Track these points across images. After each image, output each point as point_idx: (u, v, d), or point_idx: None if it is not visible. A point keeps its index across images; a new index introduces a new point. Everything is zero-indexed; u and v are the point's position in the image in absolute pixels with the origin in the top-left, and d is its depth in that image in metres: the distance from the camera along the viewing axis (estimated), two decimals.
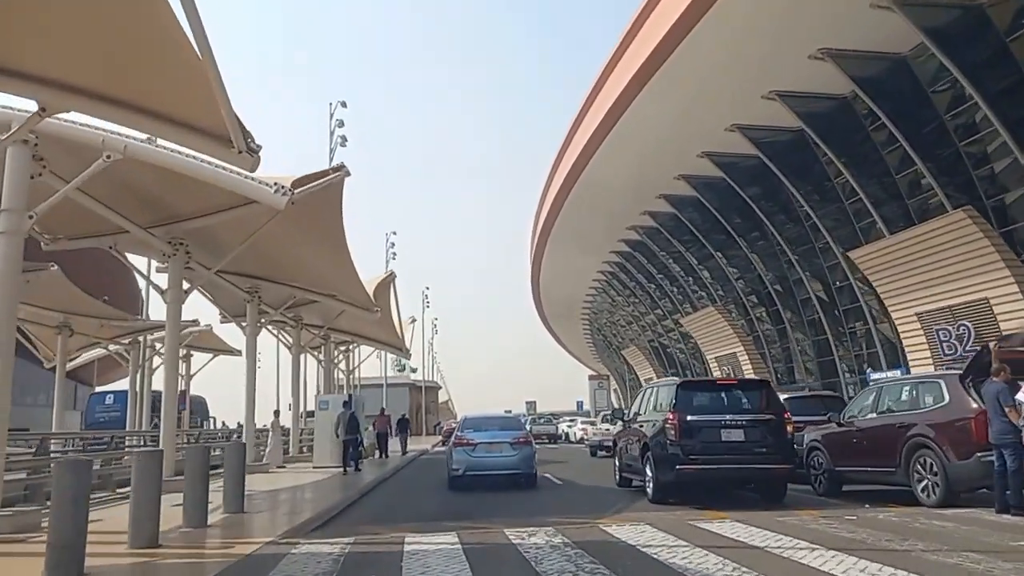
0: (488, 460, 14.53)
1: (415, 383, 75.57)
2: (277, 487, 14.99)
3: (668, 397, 11.52)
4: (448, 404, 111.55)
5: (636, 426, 12.74)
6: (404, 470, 21.40)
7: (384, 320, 24.65)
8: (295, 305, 20.99)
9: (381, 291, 22.28)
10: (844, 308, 30.89)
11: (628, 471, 13.20)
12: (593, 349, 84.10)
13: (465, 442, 14.72)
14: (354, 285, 19.04)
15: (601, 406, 53.56)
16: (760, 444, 10.85)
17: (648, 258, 46.20)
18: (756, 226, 34.27)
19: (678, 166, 32.89)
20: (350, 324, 25.50)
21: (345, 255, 16.28)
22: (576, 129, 35.33)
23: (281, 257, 16.63)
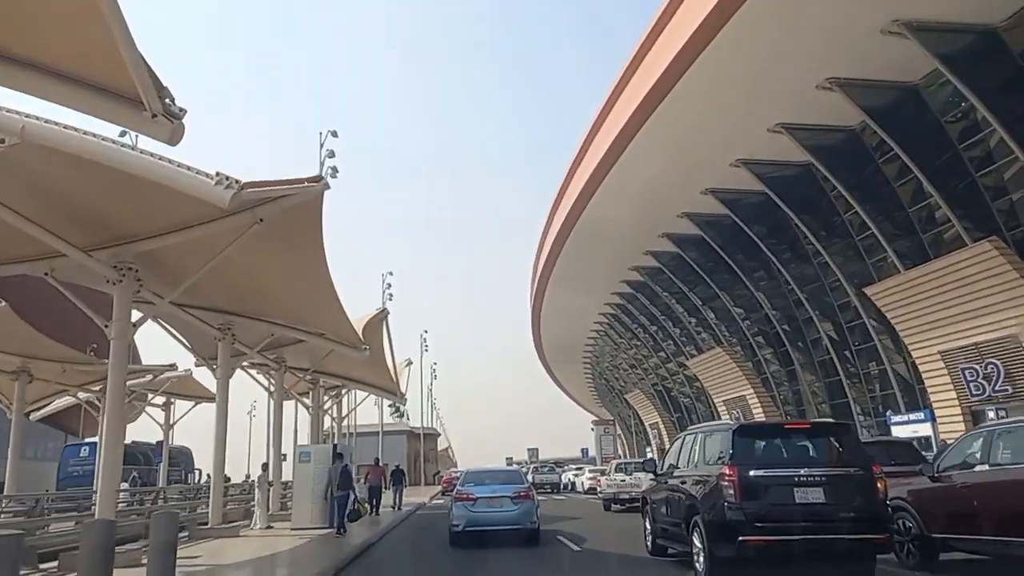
0: (488, 515, 14.26)
1: (413, 430, 73.65)
2: (238, 559, 12.77)
3: (721, 446, 9.29)
4: (448, 452, 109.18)
5: (675, 482, 10.43)
6: (396, 530, 18.89)
7: (376, 361, 22.68)
8: (276, 346, 19.16)
9: (372, 329, 20.19)
10: (857, 348, 29.73)
11: (665, 537, 10.85)
12: (595, 394, 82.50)
13: (465, 496, 14.54)
14: (340, 321, 16.72)
15: (607, 452, 51.36)
16: (846, 506, 8.48)
17: (650, 299, 45.17)
18: (762, 264, 33.32)
19: (681, 204, 32.07)
20: (340, 366, 23.45)
21: (328, 287, 14.14)
22: (576, 168, 34.61)
23: (255, 289, 14.95)
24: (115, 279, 10.66)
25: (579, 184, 33.51)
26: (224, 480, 31.08)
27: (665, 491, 10.79)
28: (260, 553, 13.35)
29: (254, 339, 17.38)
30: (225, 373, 16.34)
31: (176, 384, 24.30)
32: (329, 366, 22.89)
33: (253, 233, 10.24)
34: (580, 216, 35.18)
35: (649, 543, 11.56)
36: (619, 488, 21.16)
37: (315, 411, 24.37)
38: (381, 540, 15.97)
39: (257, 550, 13.79)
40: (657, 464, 11.82)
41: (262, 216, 9.86)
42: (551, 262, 43.77)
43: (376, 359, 22.41)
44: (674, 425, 54.21)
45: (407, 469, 70.24)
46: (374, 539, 15.63)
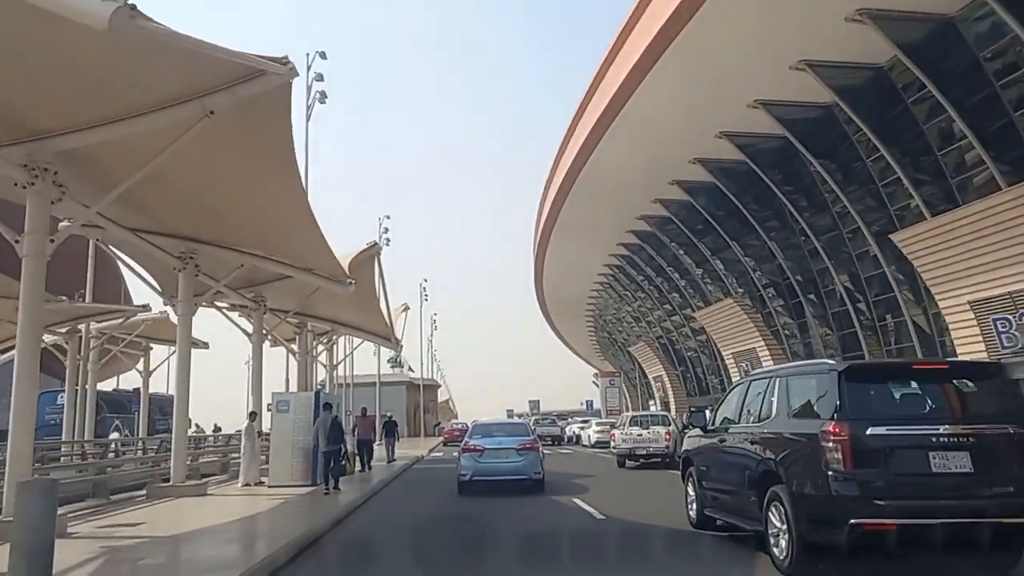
0: (495, 466, 14.99)
1: (412, 381, 72.88)
2: (184, 527, 10.53)
3: (819, 393, 6.96)
4: (449, 404, 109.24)
5: (736, 440, 8.25)
6: (390, 487, 17.14)
7: (368, 304, 20.32)
8: (254, 283, 17.09)
9: (361, 267, 17.44)
10: (874, 299, 28.70)
11: (717, 507, 8.87)
12: (597, 347, 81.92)
13: (473, 448, 15.30)
14: (320, 251, 14.53)
15: (612, 404, 50.73)
16: (1002, 478, 6.30)
17: (657, 250, 43.99)
18: (776, 213, 32.08)
19: (693, 149, 30.66)
20: (328, 309, 21.30)
21: (303, 210, 12.27)
22: (582, 112, 33.07)
23: (218, 211, 13.08)
24: (26, 181, 8.70)
25: (585, 129, 32.06)
26: (207, 431, 29.64)
27: (718, 451, 8.76)
28: (214, 519, 10.93)
29: (223, 272, 15.33)
30: (187, 309, 14.30)
31: (152, 328, 22.46)
32: (316, 308, 20.79)
33: (206, 135, 8.62)
34: (585, 163, 33.78)
35: (693, 512, 9.52)
36: (635, 443, 20.11)
37: (303, 357, 22.02)
38: (366, 504, 13.94)
39: (213, 514, 11.63)
40: (707, 417, 9.40)
41: (213, 108, 8.16)
42: (554, 212, 42.46)
43: (367, 301, 20.12)
44: (679, 378, 53.61)
45: (406, 421, 70.10)
46: (359, 501, 13.79)
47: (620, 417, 30.77)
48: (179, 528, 10.47)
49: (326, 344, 25.63)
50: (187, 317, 14.41)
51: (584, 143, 32.36)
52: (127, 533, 9.54)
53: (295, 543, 8.80)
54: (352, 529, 10.96)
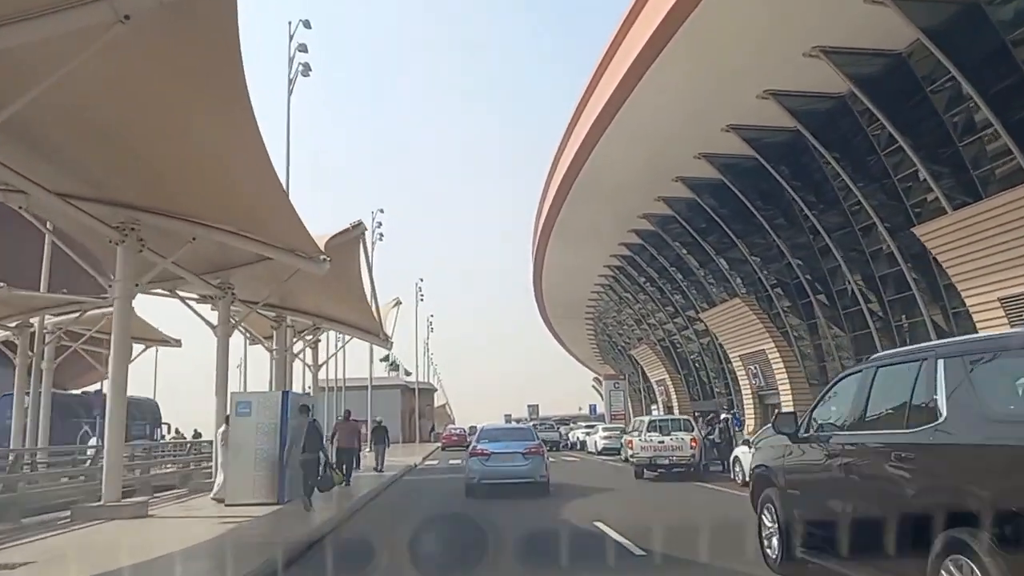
0: (501, 469, 15.40)
1: (408, 385, 71.03)
2: (98, 570, 7.69)
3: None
4: (446, 408, 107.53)
5: (870, 456, 5.64)
6: (373, 506, 14.57)
7: (352, 294, 17.86)
8: (218, 269, 14.84)
9: (345, 251, 15.00)
10: (889, 299, 27.55)
11: (821, 549, 6.28)
12: (597, 351, 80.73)
13: (480, 452, 15.73)
14: (286, 222, 12.32)
15: (617, 408, 48.86)
16: None
17: (660, 250, 42.80)
18: (785, 210, 30.96)
19: (699, 144, 29.48)
20: (308, 300, 18.90)
21: (263, 169, 10.15)
22: (582, 108, 31.94)
23: (159, 171, 11.12)
24: None
25: (585, 125, 30.94)
26: (188, 437, 26.72)
27: (825, 468, 6.20)
28: (132, 556, 8.24)
29: (174, 249, 13.09)
30: (126, 292, 11.92)
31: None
32: (295, 300, 18.59)
33: (123, 52, 7.07)
34: (586, 161, 32.62)
35: (774, 551, 7.04)
36: (656, 451, 18.02)
37: (280, 355, 19.39)
38: (343, 526, 11.70)
39: (135, 548, 8.81)
40: (798, 421, 6.96)
41: (127, 11, 6.59)
42: (554, 212, 41.40)
43: (352, 292, 17.76)
44: (683, 381, 52.37)
45: (400, 426, 68.50)
46: (325, 528, 11.11)
47: (633, 422, 29.01)
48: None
49: (309, 341, 23.22)
50: (126, 300, 12.13)
51: (584, 140, 31.24)
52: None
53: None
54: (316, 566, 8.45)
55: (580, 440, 38.84)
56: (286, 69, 21.63)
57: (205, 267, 14.72)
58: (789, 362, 33.45)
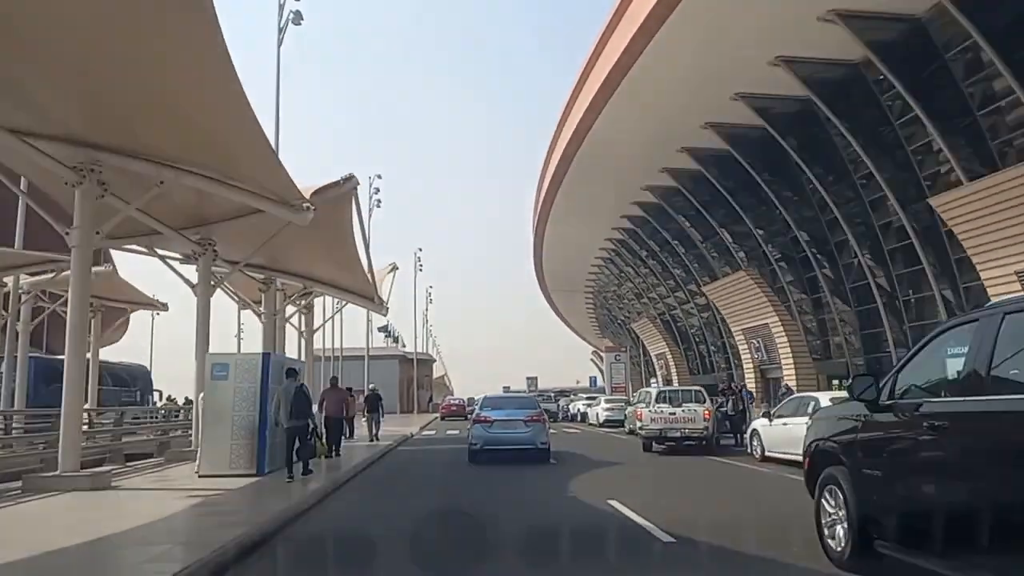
0: (504, 436, 15.55)
1: (406, 355, 70.47)
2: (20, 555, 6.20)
3: None
4: (444, 379, 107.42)
5: (982, 424, 4.49)
6: (361, 478, 13.49)
7: (343, 254, 16.60)
8: (199, 224, 13.64)
9: (334, 205, 13.61)
10: (898, 273, 27.02)
11: (903, 539, 5.07)
12: (596, 325, 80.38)
13: (483, 419, 15.87)
14: (263, 162, 11.15)
15: (618, 381, 47.94)
16: None
17: (662, 223, 42.16)
18: (793, 182, 30.34)
19: (706, 113, 28.78)
20: (298, 260, 17.67)
21: (236, 102, 9.12)
22: (586, 76, 31.11)
23: (120, 105, 9.99)
24: None
25: (589, 94, 30.17)
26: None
27: (914, 442, 5.10)
28: (65, 539, 6.93)
29: (141, 195, 11.57)
30: (85, 240, 10.63)
31: (100, 285, 18.77)
32: (284, 261, 17.40)
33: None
34: (589, 131, 31.90)
35: (839, 542, 5.71)
36: (667, 423, 16.93)
37: (269, 319, 18.11)
38: (325, 503, 10.18)
39: (74, 527, 7.61)
40: (878, 385, 5.51)
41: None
42: (555, 184, 40.76)
43: (344, 252, 16.54)
44: (682, 355, 51.99)
45: (398, 396, 67.96)
46: (305, 504, 9.59)
47: (639, 393, 28.36)
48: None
49: (301, 306, 21.93)
50: (85, 250, 10.84)
51: (588, 109, 30.53)
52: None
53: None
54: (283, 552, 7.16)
55: (581, 412, 37.64)
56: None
57: (184, 221, 13.56)
58: (793, 336, 33.00)
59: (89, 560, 6.42)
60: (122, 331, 43.38)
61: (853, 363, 30.53)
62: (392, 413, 59.38)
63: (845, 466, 5.81)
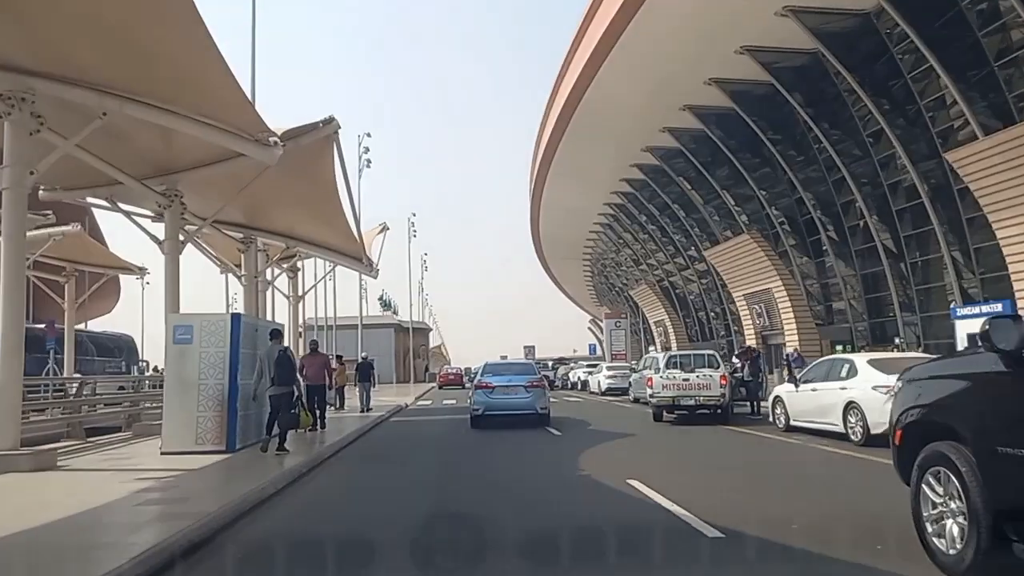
0: (505, 401, 15.67)
1: (401, 324, 69.29)
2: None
3: None
4: (441, 349, 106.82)
5: None
6: (348, 451, 12.22)
7: (326, 209, 15.14)
8: (164, 173, 12.13)
9: (314, 152, 12.21)
10: (906, 235, 26.21)
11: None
12: (594, 293, 79.69)
13: (485, 385, 15.97)
14: (220, 89, 9.71)
15: (618, 348, 46.67)
16: None
17: (662, 187, 41.18)
18: (798, 140, 29.46)
19: (711, 68, 27.71)
20: (279, 219, 16.39)
21: (191, 22, 8.05)
22: (585, 27, 29.78)
23: (62, 24, 8.72)
24: None
25: (588, 47, 28.94)
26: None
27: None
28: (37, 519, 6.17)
29: (79, 127, 9.99)
30: (16, 178, 9.24)
31: (70, 247, 17.45)
32: (263, 217, 15.93)
33: None
34: (588, 87, 30.73)
35: (955, 539, 4.38)
36: (680, 390, 15.59)
37: (249, 281, 16.64)
38: (297, 485, 8.70)
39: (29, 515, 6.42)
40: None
41: None
42: (553, 145, 39.63)
43: (327, 205, 15.12)
44: (681, 322, 51.28)
45: (394, 365, 67.04)
46: (273, 489, 8.01)
47: (645, 359, 27.01)
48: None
49: (285, 269, 20.45)
50: (18, 191, 9.36)
51: (586, 64, 29.36)
52: None
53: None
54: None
55: (582, 380, 36.14)
56: None
57: (147, 169, 12.23)
58: (796, 301, 32.22)
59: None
60: (113, 300, 42.36)
61: (856, 328, 29.89)
62: (388, 383, 58.44)
63: (964, 442, 4.41)
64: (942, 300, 25.47)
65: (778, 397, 14.14)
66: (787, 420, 13.47)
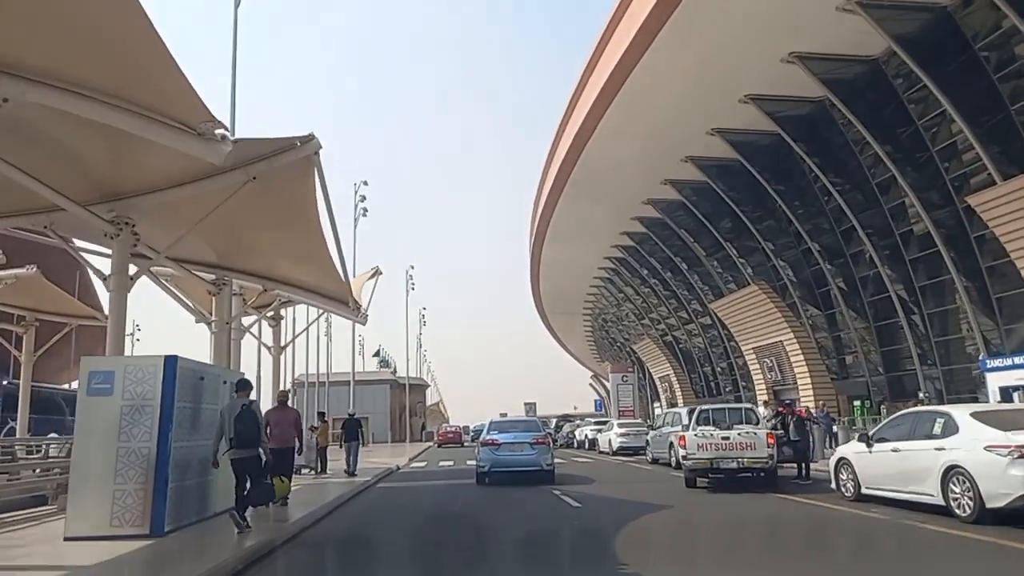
0: (511, 458, 15.97)
1: (397, 380, 66.98)
2: None
3: None
4: (439, 406, 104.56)
5: None
6: (295, 548, 8.55)
7: (307, 243, 12.28)
8: (113, 198, 9.96)
9: (289, 174, 9.85)
10: (920, 284, 25.39)
11: None
12: (595, 349, 78.48)
13: (491, 442, 16.29)
14: (151, 67, 7.31)
15: (625, 404, 44.25)
16: None
17: (664, 240, 40.50)
18: (805, 191, 28.90)
19: (712, 118, 27.26)
20: (256, 258, 14.14)
21: None
22: (584, 82, 29.40)
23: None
24: None
25: (586, 103, 28.64)
26: None
27: None
28: None
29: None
30: None
31: (26, 292, 15.36)
32: (236, 255, 13.66)
33: None
34: (587, 142, 30.35)
35: None
36: (720, 452, 13.16)
37: (220, 327, 14.03)
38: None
39: None
40: None
41: None
42: (553, 199, 39.10)
43: (307, 240, 12.14)
44: (687, 377, 50.02)
45: (390, 423, 64.76)
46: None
47: (665, 414, 25.15)
48: None
49: (264, 315, 18.08)
50: None
51: (586, 117, 28.99)
52: None
53: None
54: None
55: (589, 438, 33.39)
56: None
57: (94, 193, 10.03)
58: (809, 354, 31.19)
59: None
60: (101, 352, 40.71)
61: (872, 382, 28.84)
62: (383, 442, 56.31)
63: None
64: (961, 351, 24.53)
65: (844, 459, 11.88)
66: (857, 487, 11.33)
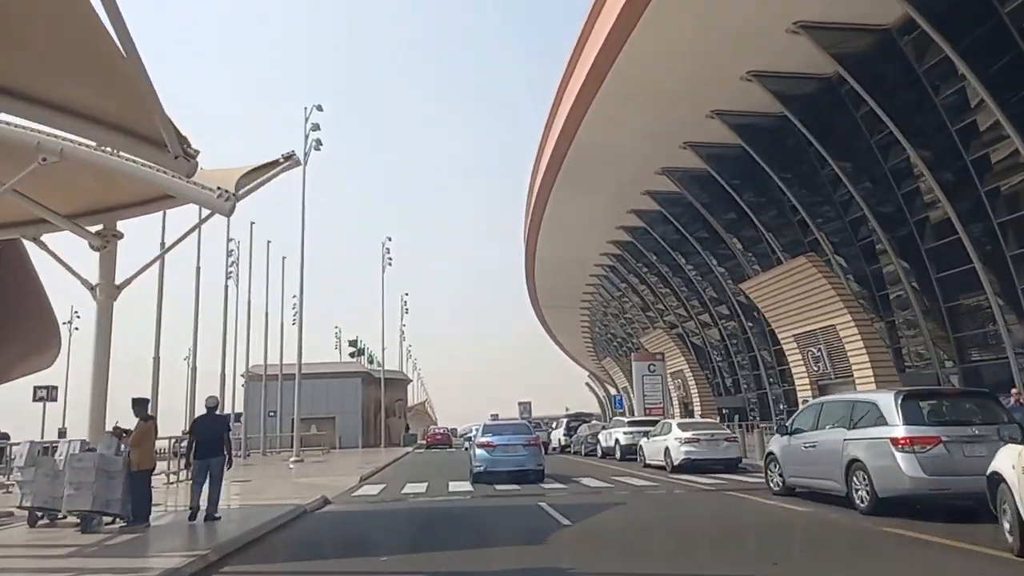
0: (504, 459, 17.53)
1: (371, 372, 57.77)
2: None
3: None
4: (426, 407, 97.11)
5: None
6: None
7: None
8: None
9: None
10: (1012, 253, 20.55)
11: None
12: (591, 347, 73.74)
13: (487, 444, 17.85)
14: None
15: (652, 400, 36.17)
16: None
17: (678, 218, 35.69)
18: (859, 145, 23.99)
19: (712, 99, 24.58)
20: None
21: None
22: (576, 58, 25.90)
23: None
24: None
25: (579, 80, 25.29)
26: None
27: None
28: None
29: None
30: None
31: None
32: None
33: None
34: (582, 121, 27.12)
35: None
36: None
37: None
38: None
39: None
40: None
41: None
42: (544, 193, 35.66)
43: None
44: (703, 373, 44.87)
45: (362, 424, 52.73)
46: None
47: (809, 408, 13.76)
48: None
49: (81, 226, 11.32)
50: None
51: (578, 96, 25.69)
52: None
53: None
54: None
55: (622, 444, 24.66)
56: None
57: None
58: (870, 341, 25.59)
59: None
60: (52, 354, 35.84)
61: (943, 375, 23.96)
62: (352, 447, 48.40)
63: None
64: None
65: None
66: None
